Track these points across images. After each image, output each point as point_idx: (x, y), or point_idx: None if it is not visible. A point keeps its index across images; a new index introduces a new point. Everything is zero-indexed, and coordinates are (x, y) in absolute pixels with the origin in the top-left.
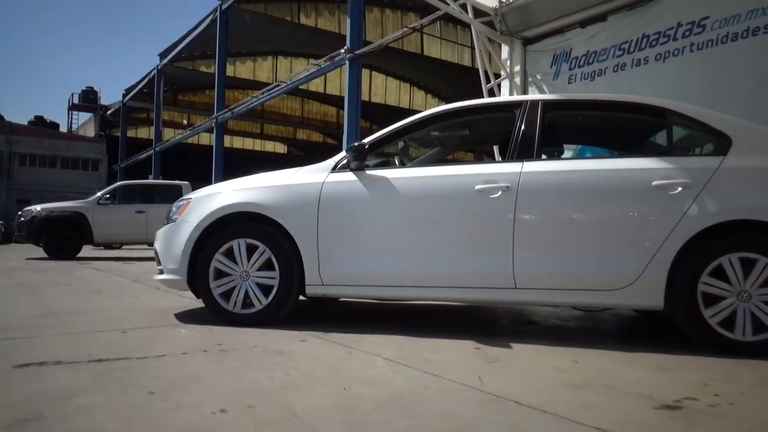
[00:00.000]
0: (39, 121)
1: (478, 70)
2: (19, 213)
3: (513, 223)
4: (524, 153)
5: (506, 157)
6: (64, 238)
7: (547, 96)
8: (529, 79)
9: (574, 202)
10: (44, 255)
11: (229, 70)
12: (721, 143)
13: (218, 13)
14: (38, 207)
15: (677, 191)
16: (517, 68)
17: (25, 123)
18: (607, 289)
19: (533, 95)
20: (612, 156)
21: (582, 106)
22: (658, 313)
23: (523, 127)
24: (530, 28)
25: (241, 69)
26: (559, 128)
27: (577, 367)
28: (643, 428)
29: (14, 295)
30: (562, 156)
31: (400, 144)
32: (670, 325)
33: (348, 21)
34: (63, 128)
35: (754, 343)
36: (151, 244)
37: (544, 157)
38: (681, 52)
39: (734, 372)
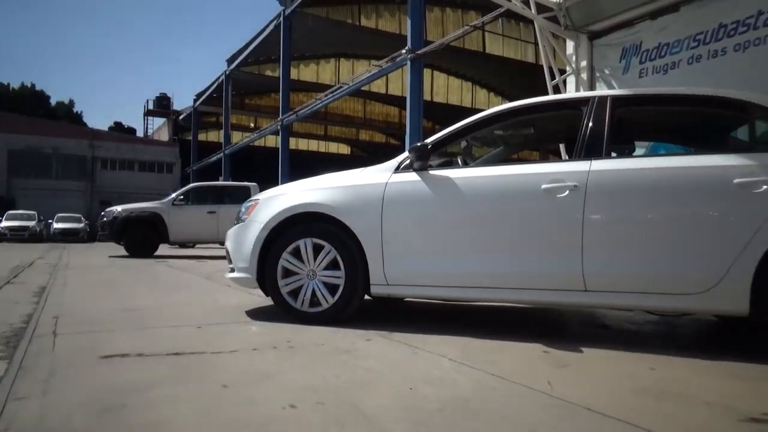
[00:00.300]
0: (118, 126)
1: (542, 66)
2: (102, 214)
3: (582, 223)
4: (592, 151)
5: (573, 156)
6: (142, 237)
7: (617, 91)
8: (597, 75)
9: (648, 202)
10: (125, 253)
11: (293, 74)
12: None
13: (281, 18)
14: (119, 208)
15: (762, 189)
16: (584, 63)
17: (106, 129)
18: (685, 293)
19: (601, 91)
20: (688, 153)
21: (654, 101)
22: (742, 318)
23: (590, 124)
24: (596, 22)
25: (305, 72)
26: (629, 125)
27: (653, 375)
28: None
29: (99, 290)
30: (634, 154)
31: (463, 143)
32: (755, 331)
33: (408, 21)
34: (139, 133)
35: None
36: (222, 242)
37: (613, 155)
38: (762, 41)
39: None
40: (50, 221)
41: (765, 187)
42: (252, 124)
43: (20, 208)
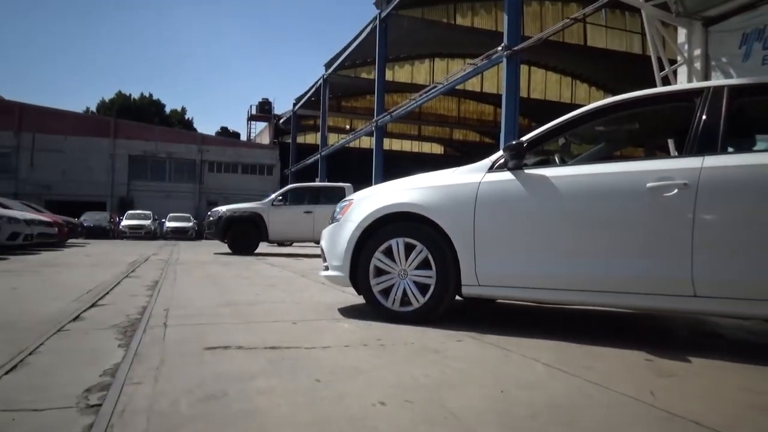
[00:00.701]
0: (224, 131)
1: (649, 57)
2: (208, 213)
3: (692, 223)
4: (706, 146)
5: (684, 152)
6: (244, 236)
7: (735, 81)
8: (712, 63)
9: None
10: (228, 250)
11: (388, 75)
12: None
13: (377, 21)
14: (223, 208)
15: None
16: (697, 52)
17: (213, 134)
18: None
19: (716, 81)
20: None
21: None
22: None
23: (704, 117)
24: (713, 7)
25: (400, 73)
26: (750, 117)
27: None
28: None
29: (204, 285)
30: (754, 148)
31: (561, 141)
32: None
33: (505, 17)
34: (243, 137)
35: None
36: (317, 241)
37: (730, 150)
38: None
39: None
40: (163, 220)
41: None
42: (348, 126)
43: (138, 208)
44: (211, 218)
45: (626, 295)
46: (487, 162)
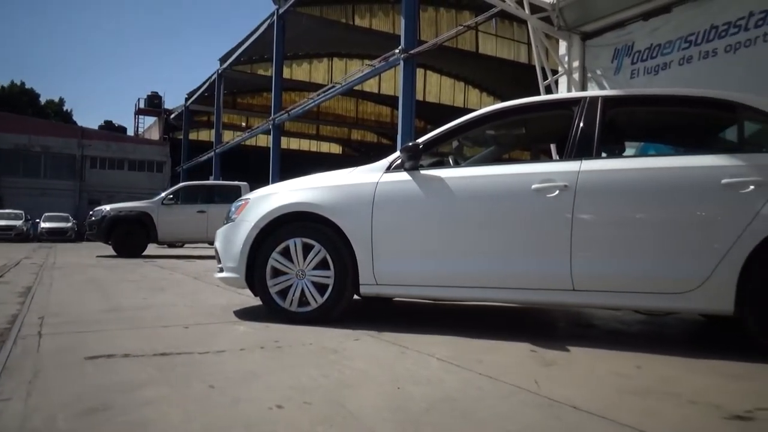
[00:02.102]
0: (108, 125)
1: (534, 66)
2: (90, 213)
3: (571, 223)
4: (583, 151)
5: (564, 156)
6: (131, 237)
7: (608, 92)
8: (589, 75)
9: (637, 202)
10: (113, 252)
11: (286, 73)
12: None
13: (275, 17)
14: (107, 207)
15: (749, 189)
16: (576, 64)
17: (96, 127)
18: (672, 292)
19: (593, 91)
20: (677, 153)
21: (645, 102)
22: (727, 318)
23: (581, 124)
24: (589, 23)
25: (298, 71)
26: (620, 125)
27: (640, 373)
28: None
29: (86, 290)
30: (624, 154)
31: (455, 143)
32: (740, 330)
33: (402, 21)
34: (130, 132)
35: None
36: (211, 242)
37: (604, 155)
38: (753, 43)
39: None
40: (37, 221)
41: (752, 187)
42: (244, 124)
43: (8, 207)
44: (94, 218)
45: (514, 290)
46: (385, 162)
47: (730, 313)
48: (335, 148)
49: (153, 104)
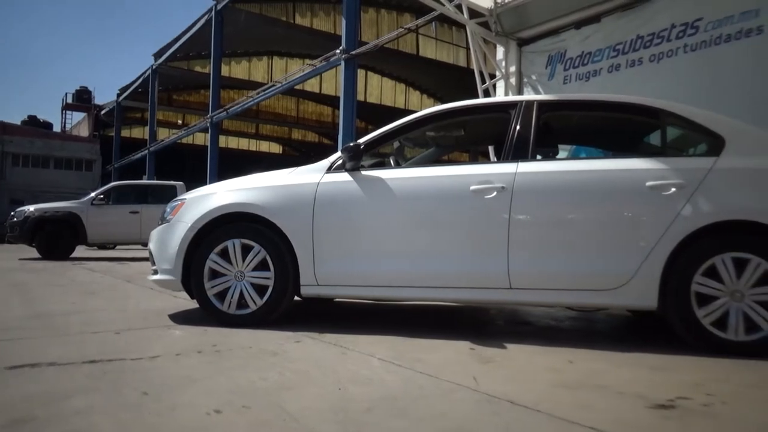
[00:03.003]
0: (32, 120)
1: (473, 70)
2: (12, 213)
3: (508, 223)
4: (519, 153)
5: (501, 158)
6: (57, 239)
7: (542, 96)
8: (524, 80)
9: (569, 203)
10: (37, 255)
11: (224, 70)
12: (714, 144)
13: (213, 13)
14: (31, 207)
15: (671, 192)
16: (513, 69)
17: (18, 123)
18: (601, 289)
19: (528, 96)
20: (606, 156)
21: (577, 107)
22: (652, 313)
23: (518, 127)
24: (525, 29)
25: (237, 69)
26: (554, 129)
27: (572, 367)
28: (636, 428)
29: (7, 296)
30: (557, 156)
31: (396, 144)
32: (663, 325)
33: (343, 21)
34: (56, 128)
35: (746, 342)
36: (145, 244)
37: (539, 157)
38: (675, 53)
39: (727, 371)
40: None
41: (673, 189)
42: (180, 121)
43: None
44: (15, 219)
45: (453, 289)
46: (326, 163)
47: (654, 308)
48: (275, 148)
49: (82, 99)
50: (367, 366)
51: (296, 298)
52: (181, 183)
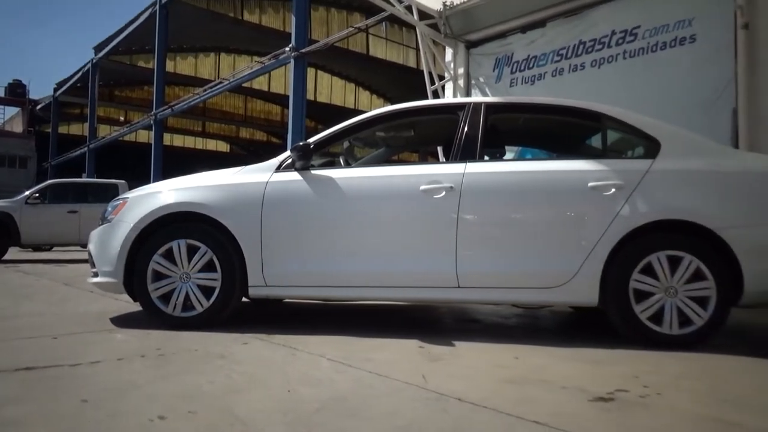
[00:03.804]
0: None
1: (422, 71)
2: None
3: (456, 223)
4: (467, 154)
5: (450, 158)
6: None
7: (490, 99)
8: (472, 82)
9: (515, 203)
10: None
11: (169, 66)
12: (651, 147)
13: (157, 6)
14: None
15: (611, 192)
16: (461, 71)
17: None
18: (546, 287)
19: (476, 98)
20: (551, 158)
21: (523, 109)
22: (593, 309)
23: (466, 128)
24: (473, 32)
25: (182, 65)
26: (501, 130)
27: (517, 363)
28: (578, 420)
29: None
30: (504, 157)
31: (346, 144)
32: (604, 320)
33: (293, 19)
34: None
35: (680, 336)
36: (84, 245)
37: (486, 158)
38: (615, 59)
39: (662, 364)
40: None
41: (613, 190)
42: (122, 118)
43: None
44: None
45: (403, 288)
46: (275, 162)
47: (595, 304)
48: (222, 146)
49: (15, 93)
50: (316, 367)
51: (244, 299)
52: (123, 182)
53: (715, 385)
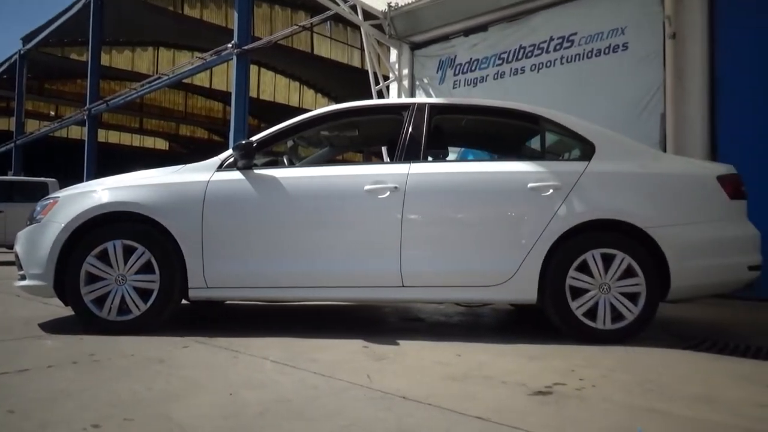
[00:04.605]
0: None
1: (367, 71)
2: None
3: (401, 222)
4: (411, 154)
5: (394, 159)
6: None
7: (434, 100)
8: (417, 83)
9: (458, 203)
10: None
11: (105, 59)
12: (586, 149)
13: None
14: None
15: (549, 193)
16: (405, 71)
17: None
18: (486, 285)
19: (420, 98)
20: (492, 159)
21: (466, 111)
22: (533, 306)
23: (410, 129)
24: (417, 34)
25: (119, 59)
26: (444, 131)
27: (460, 360)
28: (518, 414)
29: None
30: (447, 158)
31: (290, 143)
32: (543, 317)
33: (236, 15)
34: None
35: (613, 330)
36: (10, 247)
37: (430, 158)
38: (553, 64)
39: (596, 358)
40: None
41: (551, 191)
42: (53, 113)
43: None
44: None
45: (347, 288)
46: (216, 160)
47: (534, 301)
48: (161, 144)
49: None
50: (259, 369)
51: (184, 301)
52: (54, 180)
53: (644, 377)
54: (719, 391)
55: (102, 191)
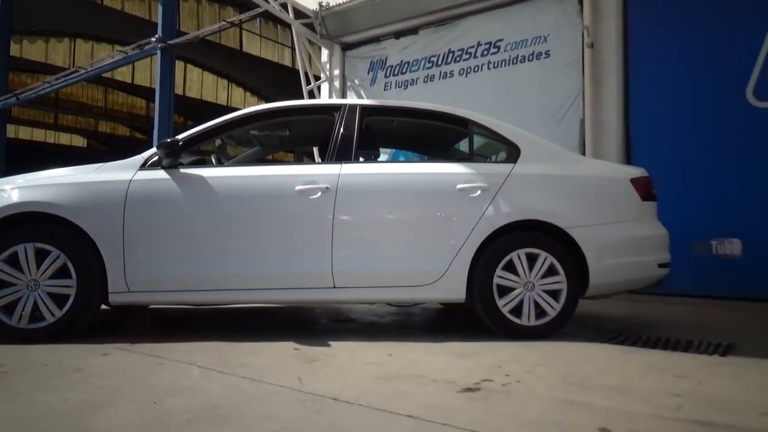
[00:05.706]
0: None
1: (298, 70)
2: None
3: (332, 223)
4: (343, 155)
5: (326, 159)
6: None
7: (365, 101)
8: (348, 84)
9: (388, 204)
10: None
11: (14, 50)
12: (512, 152)
13: None
14: None
15: (476, 194)
16: (337, 72)
17: None
18: (417, 285)
19: (352, 99)
20: (422, 160)
21: (397, 113)
22: (462, 304)
23: (342, 129)
24: (348, 35)
25: (30, 49)
26: (375, 132)
27: (391, 360)
28: (448, 411)
29: None
30: (378, 159)
31: (218, 142)
32: (471, 315)
33: (160, 8)
34: None
35: (537, 327)
36: None
37: (361, 159)
38: (480, 69)
39: (521, 353)
40: None
41: (479, 192)
42: None
43: None
44: None
45: (278, 290)
46: (139, 159)
47: (463, 300)
48: (78, 141)
49: None
50: (186, 375)
51: (104, 307)
52: None
53: (566, 371)
54: (633, 382)
55: (11, 190)
